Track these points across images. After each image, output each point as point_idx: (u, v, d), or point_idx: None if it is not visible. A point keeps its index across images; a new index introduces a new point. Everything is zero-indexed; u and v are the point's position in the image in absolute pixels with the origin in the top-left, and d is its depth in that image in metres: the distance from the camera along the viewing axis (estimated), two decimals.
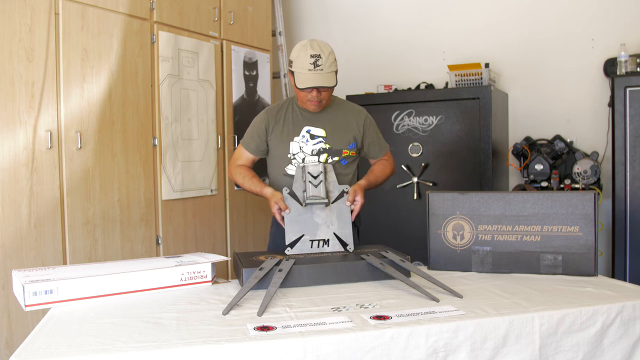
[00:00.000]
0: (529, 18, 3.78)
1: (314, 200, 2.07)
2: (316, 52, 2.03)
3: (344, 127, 2.23)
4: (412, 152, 3.57)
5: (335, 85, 2.10)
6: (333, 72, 2.08)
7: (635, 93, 3.06)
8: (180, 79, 2.96)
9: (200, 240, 3.11)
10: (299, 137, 2.20)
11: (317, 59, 2.03)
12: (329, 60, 2.06)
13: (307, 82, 2.05)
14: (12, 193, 2.22)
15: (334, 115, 2.23)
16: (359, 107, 2.33)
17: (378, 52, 4.20)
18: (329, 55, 2.06)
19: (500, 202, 2.01)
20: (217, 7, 3.21)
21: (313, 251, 2.05)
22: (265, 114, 2.27)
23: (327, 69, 2.05)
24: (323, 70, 2.04)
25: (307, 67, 2.03)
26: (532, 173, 3.47)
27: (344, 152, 2.21)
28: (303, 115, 2.22)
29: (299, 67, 2.06)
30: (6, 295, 2.20)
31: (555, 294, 1.70)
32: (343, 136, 2.22)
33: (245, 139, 2.30)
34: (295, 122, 2.22)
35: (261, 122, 2.26)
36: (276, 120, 2.24)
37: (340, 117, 2.24)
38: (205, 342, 1.32)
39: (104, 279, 1.70)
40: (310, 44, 2.06)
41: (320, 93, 2.10)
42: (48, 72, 2.33)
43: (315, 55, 2.03)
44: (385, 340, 1.38)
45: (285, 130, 2.22)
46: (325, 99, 2.15)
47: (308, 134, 2.19)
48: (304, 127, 2.20)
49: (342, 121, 2.23)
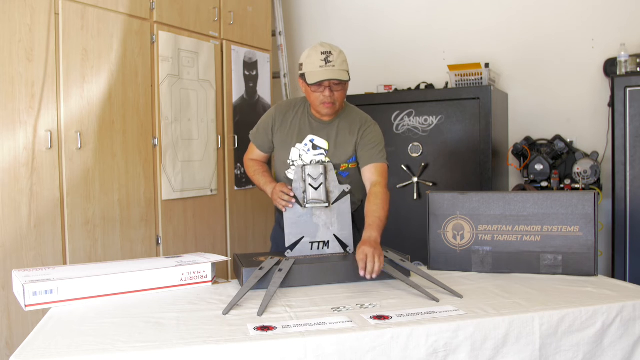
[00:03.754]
0: (528, 18, 3.78)
1: (314, 204, 2.06)
2: (327, 50, 2.00)
3: (345, 142, 2.15)
4: (412, 152, 3.56)
5: (348, 80, 2.05)
6: (345, 70, 2.03)
7: (635, 93, 3.06)
8: (180, 79, 2.96)
9: (200, 240, 3.11)
10: (301, 144, 2.15)
11: (328, 56, 1.99)
12: (340, 58, 2.02)
13: (318, 77, 1.99)
14: (12, 193, 2.22)
15: (339, 128, 2.15)
16: (368, 119, 2.21)
17: (378, 52, 4.20)
18: (339, 54, 2.02)
19: (500, 202, 2.01)
20: (217, 7, 3.21)
21: (313, 253, 2.05)
22: (274, 111, 2.22)
23: (339, 65, 2.00)
24: (335, 66, 1.99)
25: (318, 64, 1.99)
26: (532, 173, 3.47)
27: (343, 165, 2.15)
28: (310, 123, 2.16)
29: (310, 66, 2.01)
30: (6, 295, 2.20)
31: (555, 294, 1.70)
32: (344, 151, 2.14)
33: (254, 132, 2.28)
34: (301, 128, 2.16)
35: (269, 119, 2.22)
36: (283, 120, 2.19)
37: (345, 132, 2.15)
38: (205, 342, 1.32)
39: (104, 279, 1.70)
40: (320, 44, 2.03)
41: (333, 93, 2.03)
42: (48, 72, 2.33)
43: (326, 52, 1.99)
44: (386, 340, 1.38)
45: (289, 134, 2.17)
46: (339, 100, 2.07)
47: (311, 143, 2.14)
48: (308, 135, 2.15)
49: (346, 135, 2.15)
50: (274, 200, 2.12)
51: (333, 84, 2.01)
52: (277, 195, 2.08)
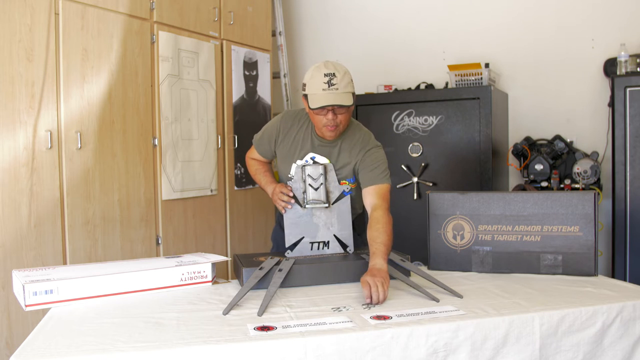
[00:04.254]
0: (529, 18, 3.78)
1: (315, 205, 2.06)
2: (330, 71, 1.91)
3: (347, 161, 2.10)
4: (412, 152, 3.56)
5: (352, 105, 1.95)
6: (350, 93, 1.93)
7: (635, 93, 3.06)
8: (180, 79, 2.96)
9: (200, 240, 3.11)
10: (301, 160, 2.12)
11: (331, 78, 1.90)
12: (345, 80, 1.92)
13: (320, 102, 1.90)
14: (12, 193, 2.22)
15: (341, 149, 2.10)
16: (371, 141, 2.13)
17: (378, 52, 4.20)
18: (344, 75, 1.93)
19: (500, 202, 2.01)
20: (217, 7, 3.21)
21: (313, 253, 2.05)
22: (279, 122, 2.17)
23: (342, 88, 1.90)
24: (338, 89, 1.90)
25: (321, 87, 1.90)
26: (532, 173, 3.47)
27: (342, 182, 2.12)
28: (313, 142, 2.11)
29: (313, 88, 1.93)
30: (6, 295, 2.20)
31: (555, 294, 1.70)
32: (344, 170, 2.11)
33: (257, 139, 2.25)
34: (303, 146, 2.11)
35: (273, 129, 2.18)
36: (287, 133, 2.14)
37: (345, 154, 2.10)
38: (205, 342, 1.32)
39: (104, 279, 1.70)
40: (324, 64, 1.94)
41: (336, 116, 1.95)
42: (48, 72, 2.33)
43: (329, 74, 1.90)
44: (386, 340, 1.38)
45: (291, 149, 2.14)
46: (343, 123, 1.99)
47: (312, 160, 2.11)
48: (309, 153, 2.12)
49: (345, 157, 2.10)
50: (274, 201, 2.13)
51: (336, 107, 1.93)
52: (277, 196, 2.09)
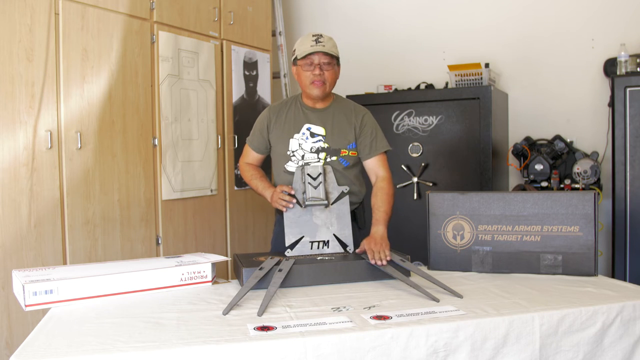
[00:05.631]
0: (528, 18, 3.78)
1: (314, 202, 2.07)
2: (318, 34, 2.13)
3: (343, 127, 2.21)
4: (412, 152, 3.56)
5: (338, 63, 2.16)
6: (335, 52, 2.13)
7: (635, 93, 3.06)
8: (180, 79, 2.96)
9: (200, 240, 3.11)
10: (298, 134, 2.19)
11: (318, 38, 2.11)
12: (331, 42, 2.14)
13: (309, 51, 2.09)
14: (12, 193, 2.22)
15: (334, 114, 2.22)
16: (360, 107, 2.29)
17: (378, 52, 4.20)
18: (330, 39, 2.14)
19: (500, 202, 2.01)
20: (217, 7, 3.21)
21: (313, 253, 2.05)
22: (267, 112, 2.29)
23: (329, 47, 2.11)
24: (325, 46, 2.10)
25: (309, 44, 2.10)
26: (532, 173, 3.47)
27: (343, 151, 2.19)
28: (305, 113, 2.22)
29: (302, 48, 2.13)
30: (6, 295, 2.20)
31: (555, 294, 1.70)
32: (342, 136, 2.20)
33: (250, 136, 2.33)
34: (296, 119, 2.22)
35: (264, 119, 2.28)
36: (278, 117, 2.25)
37: (341, 117, 2.22)
38: (205, 342, 1.32)
39: (104, 279, 1.70)
40: (311, 32, 2.17)
41: (323, 72, 2.11)
42: (48, 72, 2.33)
43: (317, 35, 2.12)
44: (386, 340, 1.38)
45: (286, 127, 2.22)
46: (329, 80, 2.15)
47: (308, 131, 2.19)
48: (305, 124, 2.20)
49: (342, 121, 2.22)
50: (273, 203, 2.13)
51: (323, 63, 2.10)
52: (278, 196, 2.09)
